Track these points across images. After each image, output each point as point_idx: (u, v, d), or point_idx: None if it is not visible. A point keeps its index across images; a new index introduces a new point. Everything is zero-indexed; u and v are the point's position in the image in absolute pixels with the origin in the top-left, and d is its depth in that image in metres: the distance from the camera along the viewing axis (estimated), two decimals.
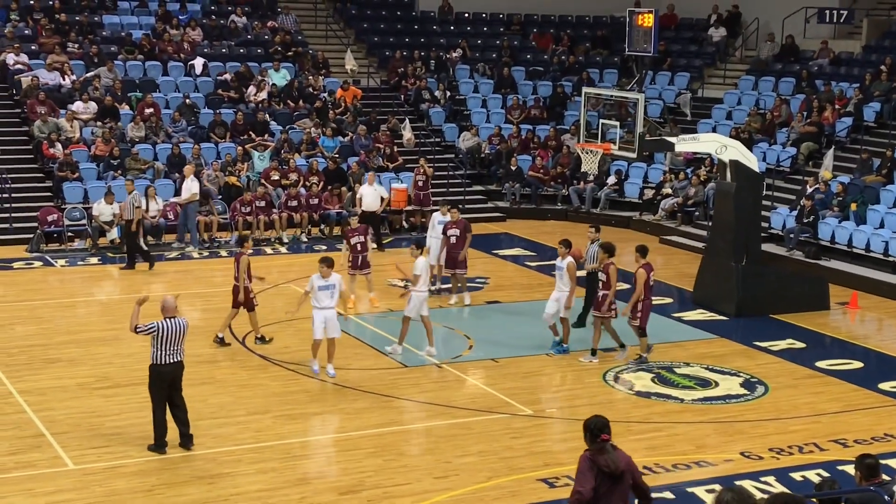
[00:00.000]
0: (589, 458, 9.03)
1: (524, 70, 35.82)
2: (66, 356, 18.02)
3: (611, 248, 18.46)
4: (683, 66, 35.59)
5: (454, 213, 21.80)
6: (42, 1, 33.38)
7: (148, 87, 31.18)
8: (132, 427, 14.97)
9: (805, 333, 20.45)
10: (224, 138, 29.98)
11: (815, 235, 25.54)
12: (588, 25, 38.85)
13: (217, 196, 27.65)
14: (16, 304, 21.33)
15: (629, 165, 30.90)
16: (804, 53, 34.16)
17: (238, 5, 35.62)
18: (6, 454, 14.05)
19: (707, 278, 22.31)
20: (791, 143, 29.73)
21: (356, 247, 20.96)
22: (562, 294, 18.20)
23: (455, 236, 21.39)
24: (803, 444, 15.02)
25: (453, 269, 21.53)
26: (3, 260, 24.52)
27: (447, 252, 21.44)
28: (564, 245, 18.36)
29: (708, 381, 17.53)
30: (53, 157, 27.81)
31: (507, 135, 32.66)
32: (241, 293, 18.53)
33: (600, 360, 18.23)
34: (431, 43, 36.70)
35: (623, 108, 23.12)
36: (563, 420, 15.77)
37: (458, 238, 21.40)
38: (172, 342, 13.96)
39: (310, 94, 32.37)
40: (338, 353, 17.78)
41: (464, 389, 17.02)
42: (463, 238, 21.44)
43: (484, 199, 31.45)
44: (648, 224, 29.34)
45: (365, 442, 14.74)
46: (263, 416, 15.49)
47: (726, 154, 21.76)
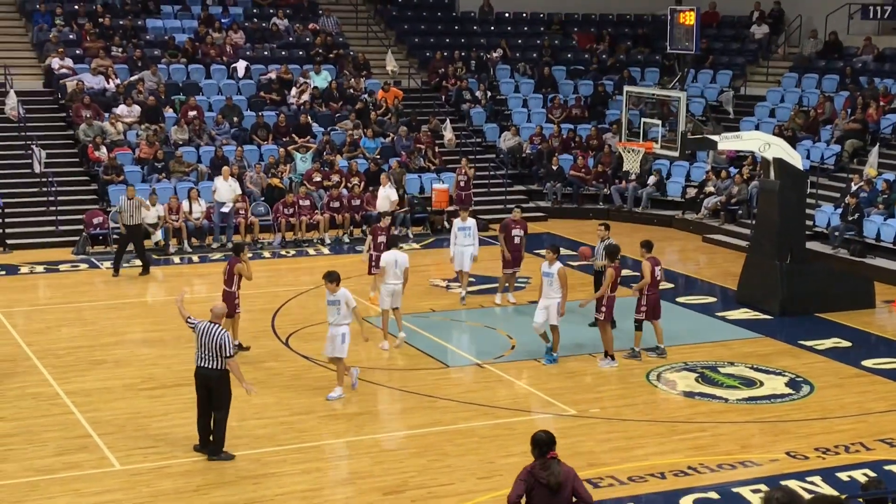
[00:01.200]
0: (529, 470, 9.57)
1: (565, 69, 35.76)
2: (112, 357, 18.18)
3: (614, 251, 18.24)
4: (726, 64, 35.39)
5: (517, 213, 21.81)
6: (87, 6, 33.70)
7: (191, 90, 31.41)
8: (178, 428, 15.08)
9: (850, 332, 20.28)
10: (266, 140, 30.15)
11: (860, 233, 25.33)
12: (629, 24, 38.73)
13: (260, 198, 27.82)
14: (62, 305, 21.55)
15: (671, 164, 30.77)
16: (848, 50, 33.87)
17: (280, 8, 35.79)
18: (53, 455, 14.20)
19: (751, 277, 22.18)
20: (835, 141, 29.49)
21: (380, 245, 20.67)
22: (551, 301, 17.70)
23: (519, 237, 21.38)
24: (849, 443, 14.91)
25: (514, 268, 21.51)
26: (50, 262, 24.77)
27: (512, 252, 21.35)
28: (552, 250, 17.82)
29: (753, 381, 17.43)
30: (98, 160, 28.07)
31: (548, 134, 32.61)
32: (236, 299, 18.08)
33: (643, 361, 18.19)
34: (472, 43, 36.70)
35: (665, 106, 23.03)
36: (607, 420, 15.73)
37: (521, 238, 21.40)
38: (203, 346, 13.97)
39: (351, 96, 32.47)
40: (381, 354, 17.86)
41: (506, 390, 17.02)
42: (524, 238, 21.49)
43: (525, 198, 31.40)
44: (691, 223, 29.20)
45: (408, 442, 14.78)
46: (307, 417, 15.57)
47: (770, 152, 21.63)
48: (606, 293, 17.68)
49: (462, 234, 21.43)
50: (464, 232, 21.45)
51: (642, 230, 27.11)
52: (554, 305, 17.69)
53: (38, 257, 25.14)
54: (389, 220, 21.85)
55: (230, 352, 13.92)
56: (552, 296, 17.69)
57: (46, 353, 18.31)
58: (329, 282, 16.17)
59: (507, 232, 21.39)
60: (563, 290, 17.66)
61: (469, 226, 21.53)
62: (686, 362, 18.25)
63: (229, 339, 13.99)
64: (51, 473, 13.66)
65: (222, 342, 13.86)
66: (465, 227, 21.50)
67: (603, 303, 17.70)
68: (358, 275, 23.19)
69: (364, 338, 16.76)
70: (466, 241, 21.41)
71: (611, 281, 17.69)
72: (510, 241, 21.32)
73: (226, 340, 13.89)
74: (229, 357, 13.90)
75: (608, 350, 17.97)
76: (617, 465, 14.09)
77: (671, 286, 23.42)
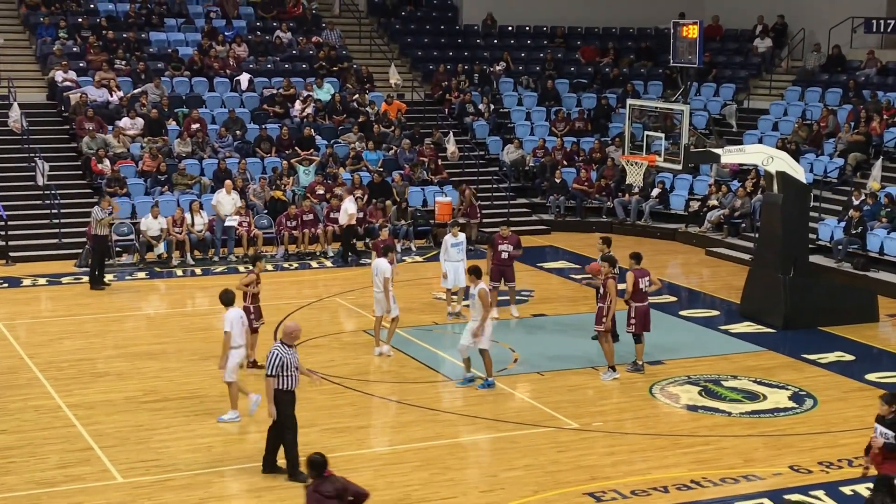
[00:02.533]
0: (313, 489, 10.49)
1: (568, 82, 35.79)
2: (114, 370, 18.16)
3: (613, 259, 18.20)
4: (729, 77, 35.41)
5: (505, 229, 21.68)
6: (90, 19, 33.77)
7: (194, 102, 31.45)
8: (180, 441, 15.07)
9: (854, 346, 20.24)
10: (270, 153, 30.17)
11: (864, 247, 25.30)
12: (632, 37, 38.75)
13: (263, 210, 27.83)
14: (64, 318, 21.55)
15: (674, 177, 30.76)
16: (851, 63, 33.89)
17: (283, 21, 35.86)
18: (55, 468, 14.17)
19: (754, 290, 22.15)
20: (838, 154, 29.49)
21: None
22: (474, 324, 17.10)
23: (506, 252, 21.28)
24: (853, 457, 14.84)
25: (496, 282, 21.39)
26: (52, 275, 24.78)
27: (496, 266, 21.26)
28: (474, 273, 17.25)
29: (756, 395, 17.39)
30: (101, 172, 28.10)
31: (551, 147, 32.62)
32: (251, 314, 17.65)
33: (646, 374, 18.16)
34: (475, 56, 36.74)
35: (668, 119, 23.04)
36: (609, 434, 15.69)
37: (508, 253, 21.30)
38: None
39: (354, 109, 32.51)
40: (381, 366, 17.85)
41: (510, 403, 16.98)
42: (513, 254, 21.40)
43: (528, 211, 31.41)
44: (694, 236, 29.19)
45: (411, 455, 14.75)
46: (310, 430, 15.50)
47: (773, 165, 21.62)
48: (615, 304, 17.62)
49: (455, 251, 21.19)
50: (457, 248, 21.21)
51: (645, 243, 27.13)
52: (476, 327, 17.10)
53: (40, 270, 25.15)
54: (388, 231, 21.80)
55: (269, 370, 13.62)
56: (475, 317, 17.10)
57: (48, 366, 18.29)
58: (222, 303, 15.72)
59: (494, 247, 21.38)
60: (485, 311, 16.98)
61: (461, 241, 21.37)
62: (689, 376, 18.22)
63: (270, 357, 13.66)
64: (53, 486, 13.63)
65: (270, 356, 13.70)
66: (458, 244, 21.26)
67: (605, 314, 17.68)
68: (361, 287, 23.21)
69: None
70: (459, 257, 21.17)
71: (615, 291, 17.64)
72: (497, 255, 21.26)
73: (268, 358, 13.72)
74: (268, 376, 13.63)
75: (609, 362, 17.94)
76: (620, 479, 14.05)
77: (674, 299, 23.42)
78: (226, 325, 15.38)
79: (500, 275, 21.22)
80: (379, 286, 18.73)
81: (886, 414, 12.12)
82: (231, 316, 15.43)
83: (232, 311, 15.48)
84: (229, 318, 15.40)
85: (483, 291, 17.01)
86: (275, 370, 13.57)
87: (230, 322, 15.38)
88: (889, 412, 12.10)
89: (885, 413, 12.14)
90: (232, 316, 15.43)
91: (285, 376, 13.62)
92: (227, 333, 15.36)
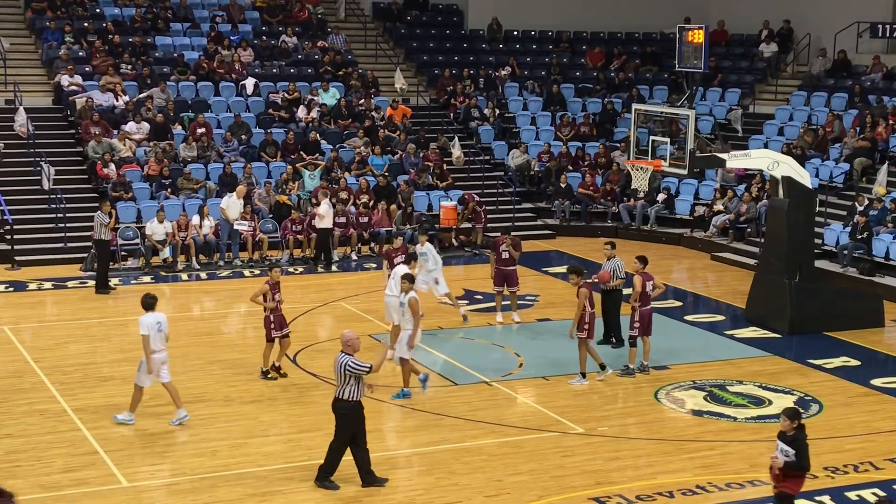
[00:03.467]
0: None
1: (573, 87, 35.80)
2: (119, 374, 18.15)
3: (578, 270, 18.02)
4: (734, 82, 35.40)
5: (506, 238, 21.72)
6: (96, 23, 33.83)
7: (200, 107, 31.48)
8: (185, 445, 15.08)
9: (859, 351, 20.23)
10: (275, 157, 30.20)
11: (869, 252, 25.27)
12: (637, 42, 38.76)
13: (269, 215, 27.84)
14: (70, 322, 21.57)
15: (680, 182, 30.74)
16: (856, 68, 33.87)
17: (289, 26, 35.90)
18: (61, 472, 14.19)
19: (760, 295, 22.14)
20: (844, 159, 29.46)
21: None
22: (406, 333, 17.04)
23: (507, 252, 21.29)
24: (858, 462, 14.85)
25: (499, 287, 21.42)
26: (58, 279, 24.81)
27: (500, 270, 21.25)
28: (408, 280, 17.13)
29: (761, 400, 17.38)
30: (107, 177, 28.13)
31: (556, 152, 32.63)
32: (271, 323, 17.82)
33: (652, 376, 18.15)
34: (480, 61, 36.76)
35: (673, 124, 23.05)
36: (615, 438, 15.68)
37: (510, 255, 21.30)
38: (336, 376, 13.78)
39: (359, 113, 32.53)
40: (389, 371, 17.83)
41: (514, 407, 16.98)
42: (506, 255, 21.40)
43: (533, 216, 31.41)
44: (700, 241, 29.17)
45: (416, 460, 14.75)
46: (315, 434, 15.53)
47: (778, 170, 21.61)
48: (587, 312, 17.48)
49: (421, 259, 20.97)
50: (423, 257, 21.03)
51: (651, 248, 27.13)
52: (406, 337, 17.02)
53: (46, 274, 25.18)
54: (401, 240, 21.72)
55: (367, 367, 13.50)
56: (406, 327, 17.05)
57: (54, 370, 18.31)
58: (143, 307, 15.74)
59: (496, 250, 21.37)
60: (415, 319, 16.90)
61: (425, 251, 21.11)
62: (694, 381, 18.21)
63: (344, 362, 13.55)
64: (58, 490, 13.64)
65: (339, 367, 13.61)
66: (423, 253, 21.07)
67: (586, 321, 17.55)
68: (367, 292, 23.23)
69: None
70: (430, 266, 20.97)
71: (585, 299, 17.47)
72: (499, 258, 21.27)
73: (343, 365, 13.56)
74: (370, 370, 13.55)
75: (581, 368, 17.82)
76: (625, 484, 14.04)
77: (679, 304, 23.41)
78: (142, 328, 15.50)
79: (504, 280, 21.22)
80: (393, 290, 18.63)
81: (788, 430, 11.72)
82: (147, 321, 15.52)
83: (149, 316, 15.57)
84: (145, 323, 15.50)
85: (413, 300, 16.87)
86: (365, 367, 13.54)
87: (146, 326, 15.48)
88: (791, 428, 11.69)
89: (787, 429, 11.72)
90: (148, 321, 15.53)
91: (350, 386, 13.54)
92: (144, 337, 15.46)
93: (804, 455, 11.57)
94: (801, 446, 11.57)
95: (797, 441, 11.59)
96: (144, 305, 15.70)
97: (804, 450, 11.58)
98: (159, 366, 15.63)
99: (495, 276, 21.27)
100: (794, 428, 11.67)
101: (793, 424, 11.67)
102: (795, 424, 11.68)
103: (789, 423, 11.68)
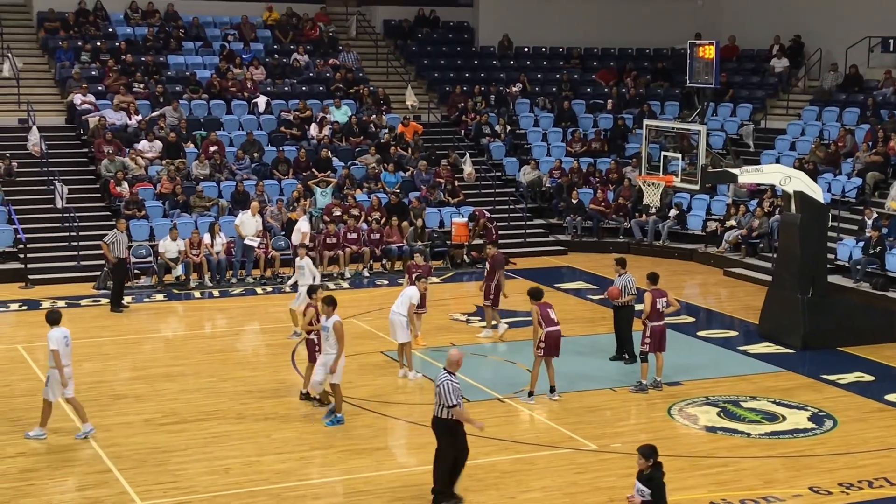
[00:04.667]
0: None
1: (584, 103, 35.83)
2: (133, 392, 18.19)
3: (536, 293, 17.84)
4: (746, 98, 35.40)
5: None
6: (109, 42, 33.98)
7: (212, 125, 31.59)
8: (198, 463, 15.07)
9: (873, 366, 20.15)
10: (287, 175, 30.27)
11: (883, 266, 25.20)
12: (649, 58, 38.81)
13: (281, 232, 27.89)
14: (83, 340, 21.54)
15: (692, 197, 30.72)
16: (868, 83, 33.84)
17: (300, 44, 36.02)
18: (74, 490, 14.20)
19: (773, 311, 22.08)
20: (856, 174, 29.42)
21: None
22: (328, 358, 16.42)
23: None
24: (873, 478, 14.78)
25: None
26: (71, 297, 24.85)
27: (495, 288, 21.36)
28: (328, 303, 16.44)
29: (775, 415, 17.32)
30: (120, 195, 28.22)
31: (567, 168, 32.65)
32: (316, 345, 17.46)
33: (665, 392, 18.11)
34: (491, 78, 36.83)
35: (685, 139, 23.04)
36: (628, 455, 15.61)
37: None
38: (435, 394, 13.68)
39: (371, 131, 32.60)
40: (401, 388, 17.80)
41: (527, 424, 16.95)
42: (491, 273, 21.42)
43: (545, 232, 31.42)
44: (712, 256, 29.13)
45: (428, 477, 14.68)
46: (328, 452, 15.53)
47: (790, 185, 21.59)
48: (542, 331, 17.35)
49: (300, 272, 20.92)
50: (301, 270, 20.94)
51: (663, 264, 27.09)
52: (331, 362, 16.41)
53: (59, 292, 25.23)
54: (421, 256, 21.69)
55: (452, 400, 13.34)
56: (329, 351, 16.43)
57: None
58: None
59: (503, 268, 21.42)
60: (339, 345, 16.23)
61: (303, 265, 20.97)
62: (708, 397, 18.15)
63: (444, 388, 13.39)
64: None
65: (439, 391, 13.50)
66: (301, 266, 20.98)
67: (541, 339, 17.41)
68: (378, 308, 23.22)
69: None
70: (303, 281, 20.79)
71: (537, 319, 17.42)
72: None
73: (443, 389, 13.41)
74: (452, 406, 13.37)
75: (531, 388, 17.67)
76: None
77: (692, 320, 23.35)
78: (51, 343, 15.55)
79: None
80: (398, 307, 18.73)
81: (643, 468, 11.30)
82: (55, 335, 15.59)
83: (56, 331, 15.65)
84: (54, 338, 15.56)
85: (338, 324, 16.26)
86: (457, 399, 13.35)
87: (55, 341, 15.55)
88: (646, 466, 11.28)
89: (642, 467, 11.31)
90: (56, 335, 15.60)
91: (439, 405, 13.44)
92: (53, 352, 15.51)
93: (661, 495, 11.17)
94: (657, 485, 11.16)
95: (653, 480, 11.19)
96: (50, 321, 15.78)
97: (661, 489, 11.18)
98: (67, 380, 15.68)
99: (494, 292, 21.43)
100: (649, 466, 11.25)
101: (648, 463, 11.25)
102: (651, 463, 11.25)
103: (644, 462, 11.27)
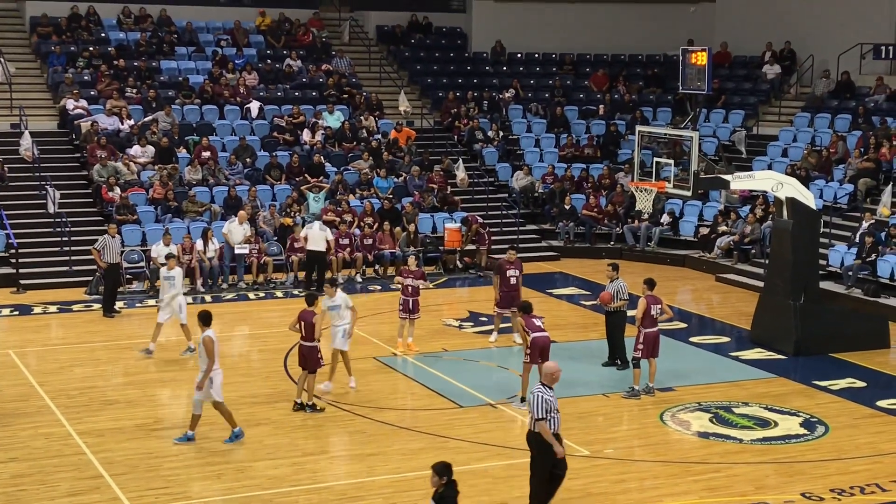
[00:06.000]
0: None
1: (577, 109, 35.88)
2: (124, 398, 18.17)
3: (525, 306, 17.63)
4: (738, 104, 35.45)
5: (511, 254, 21.59)
6: (101, 47, 33.95)
7: (205, 130, 31.56)
8: (190, 468, 15.06)
9: (865, 372, 20.19)
10: (280, 180, 30.26)
11: (875, 273, 25.25)
12: (641, 64, 38.85)
13: (273, 238, 27.87)
14: (75, 345, 21.57)
15: (684, 203, 30.76)
16: (860, 90, 33.91)
17: (293, 49, 36.03)
18: (66, 496, 14.17)
19: (765, 317, 22.12)
20: (848, 180, 29.47)
21: (407, 289, 20.74)
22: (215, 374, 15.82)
23: (515, 277, 21.22)
24: (865, 484, 14.80)
25: (504, 308, 21.28)
26: (63, 302, 24.82)
27: (507, 292, 21.16)
28: (202, 320, 15.87)
29: (767, 421, 17.34)
30: (112, 200, 28.18)
31: (560, 174, 32.67)
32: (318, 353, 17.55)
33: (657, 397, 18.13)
34: (484, 83, 36.87)
35: (677, 146, 23.10)
36: (620, 461, 15.64)
37: (517, 279, 21.23)
38: None
39: (364, 136, 32.60)
40: (394, 393, 17.80)
41: (520, 430, 16.92)
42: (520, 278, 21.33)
43: (538, 238, 31.43)
44: (704, 262, 29.16)
45: (421, 483, 14.67)
46: (319, 457, 15.52)
47: (782, 192, 21.63)
48: (527, 339, 17.30)
49: (168, 284, 20.67)
50: (169, 281, 20.66)
51: (655, 270, 27.09)
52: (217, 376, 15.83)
53: (51, 297, 25.19)
54: (415, 260, 21.65)
55: (539, 413, 13.11)
56: (202, 367, 15.82)
57: (59, 394, 18.30)
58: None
59: (501, 272, 21.29)
60: (210, 361, 15.60)
61: (172, 275, 20.69)
62: (700, 402, 18.17)
63: (535, 400, 13.16)
64: None
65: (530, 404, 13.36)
66: (169, 277, 20.66)
67: (526, 347, 17.38)
68: (371, 314, 23.21)
69: None
70: (173, 292, 20.58)
71: (521, 330, 17.47)
72: (506, 281, 21.15)
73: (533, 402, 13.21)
74: (537, 420, 13.16)
75: (523, 393, 17.58)
76: None
77: (684, 326, 23.38)
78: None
79: (510, 301, 21.07)
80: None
81: (436, 486, 10.92)
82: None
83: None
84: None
85: (208, 339, 15.66)
86: (544, 412, 13.11)
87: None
88: (439, 484, 10.93)
89: (435, 485, 10.92)
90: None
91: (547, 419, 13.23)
92: None
93: None
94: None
95: (445, 499, 10.90)
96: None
97: None
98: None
99: (501, 298, 21.20)
100: (442, 484, 10.97)
101: (441, 480, 10.95)
102: (444, 481, 10.96)
103: (437, 479, 10.96)
